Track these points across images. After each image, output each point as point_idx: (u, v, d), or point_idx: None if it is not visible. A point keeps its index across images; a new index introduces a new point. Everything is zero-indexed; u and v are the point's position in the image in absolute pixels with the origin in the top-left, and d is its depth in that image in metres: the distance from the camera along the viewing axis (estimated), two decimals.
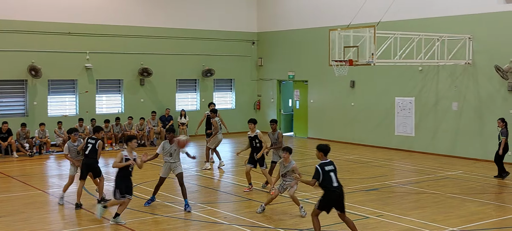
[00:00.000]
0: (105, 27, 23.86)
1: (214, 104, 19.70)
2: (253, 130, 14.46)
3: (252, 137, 14.43)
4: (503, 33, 18.56)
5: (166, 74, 25.46)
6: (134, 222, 11.65)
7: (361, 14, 19.50)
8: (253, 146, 14.40)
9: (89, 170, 12.96)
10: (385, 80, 22.14)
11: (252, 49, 27.91)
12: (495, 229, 11.23)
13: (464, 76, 19.65)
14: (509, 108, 18.45)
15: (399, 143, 21.80)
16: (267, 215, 12.18)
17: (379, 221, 11.67)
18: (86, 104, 23.48)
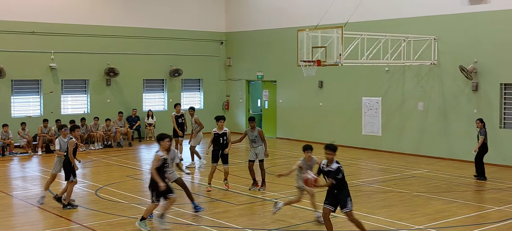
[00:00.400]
0: (70, 27, 23.49)
1: (180, 104, 19.91)
2: (221, 127, 14.40)
3: (220, 134, 14.38)
4: (467, 34, 18.89)
5: (133, 74, 25.20)
6: (100, 224, 11.48)
7: (329, 15, 19.62)
8: (220, 143, 14.35)
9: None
10: (352, 80, 22.33)
11: (220, 49, 27.83)
12: (460, 227, 11.41)
13: (430, 76, 19.94)
14: (473, 108, 18.79)
15: (366, 142, 22.00)
16: (236, 215, 12.14)
17: (347, 219, 11.72)
18: (51, 105, 23.07)
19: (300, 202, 12.82)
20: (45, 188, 13.44)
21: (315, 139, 23.75)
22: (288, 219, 11.90)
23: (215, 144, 14.50)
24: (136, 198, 13.76)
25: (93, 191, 14.61)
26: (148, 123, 25.11)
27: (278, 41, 25.15)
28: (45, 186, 13.49)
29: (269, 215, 12.13)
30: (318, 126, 23.84)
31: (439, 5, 19.60)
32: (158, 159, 10.75)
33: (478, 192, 14.55)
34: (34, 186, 15.48)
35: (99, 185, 15.26)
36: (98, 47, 24.18)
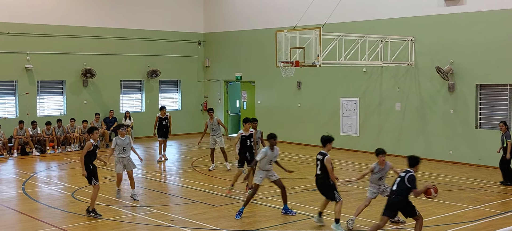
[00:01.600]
0: (46, 27, 23.21)
1: (166, 108, 20.02)
2: (248, 129, 14.54)
3: (247, 136, 14.42)
4: (444, 35, 19.09)
5: (110, 75, 24.99)
6: (77, 227, 11.37)
7: (307, 16, 19.67)
8: (247, 145, 14.42)
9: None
10: (330, 81, 22.42)
11: (198, 50, 27.74)
12: (437, 226, 11.51)
13: (407, 77, 20.11)
14: (449, 108, 19.00)
15: (344, 143, 22.10)
16: (214, 216, 12.10)
17: (325, 219, 11.76)
18: (26, 106, 22.76)
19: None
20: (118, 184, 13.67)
21: (294, 140, 23.85)
22: (266, 220, 11.89)
23: (242, 146, 14.47)
24: (113, 200, 13.63)
25: (69, 193, 14.45)
26: (125, 124, 24.88)
27: (256, 42, 25.15)
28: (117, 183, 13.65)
29: (248, 216, 12.12)
30: (296, 126, 23.89)
31: (416, 6, 19.78)
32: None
33: (455, 191, 14.71)
34: (9, 189, 15.25)
35: (76, 187, 15.10)
36: (75, 48, 23.93)
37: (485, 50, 18.12)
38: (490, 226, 11.43)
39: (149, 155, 21.53)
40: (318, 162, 11.06)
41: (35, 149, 21.24)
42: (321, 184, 11.14)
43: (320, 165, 11.04)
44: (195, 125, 27.20)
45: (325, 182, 11.07)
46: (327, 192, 11.10)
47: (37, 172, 17.79)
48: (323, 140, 11.31)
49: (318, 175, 11.12)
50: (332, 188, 11.04)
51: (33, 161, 19.91)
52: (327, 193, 11.10)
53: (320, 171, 11.05)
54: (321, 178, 11.10)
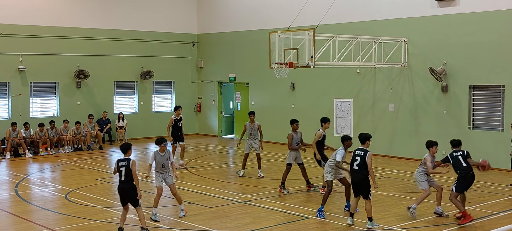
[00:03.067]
0: (39, 28, 23.13)
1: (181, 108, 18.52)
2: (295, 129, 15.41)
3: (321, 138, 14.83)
4: (437, 36, 19.15)
5: (104, 77, 24.92)
6: (70, 229, 11.33)
7: (300, 17, 19.69)
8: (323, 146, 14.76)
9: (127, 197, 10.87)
10: (324, 82, 22.44)
11: (192, 51, 27.71)
12: (430, 226, 11.54)
13: (400, 78, 20.16)
14: (443, 109, 19.06)
15: (338, 144, 22.04)
16: (209, 218, 12.08)
17: (319, 221, 11.79)
18: (19, 107, 22.66)
19: (275, 204, 12.86)
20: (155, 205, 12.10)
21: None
22: (260, 221, 11.90)
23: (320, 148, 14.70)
24: (107, 201, 13.60)
25: (63, 195, 14.40)
26: (119, 126, 24.85)
27: (250, 43, 25.15)
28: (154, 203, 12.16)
29: (242, 218, 12.11)
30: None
31: (409, 8, 19.83)
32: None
33: (447, 192, 14.71)
34: (2, 191, 15.18)
35: (69, 189, 15.05)
36: (68, 49, 23.86)
37: (478, 51, 18.19)
38: (483, 226, 11.47)
39: (142, 156, 21.48)
40: (358, 157, 11.34)
41: (28, 150, 21.15)
42: (360, 180, 11.32)
43: (359, 160, 11.31)
44: (189, 126, 27.14)
45: (364, 178, 11.33)
46: (364, 188, 11.33)
47: (30, 173, 17.72)
48: (362, 137, 11.63)
49: (356, 170, 11.36)
50: (369, 185, 11.37)
51: (26, 163, 19.83)
52: (364, 189, 11.33)
53: (358, 166, 11.32)
54: (360, 173, 11.33)
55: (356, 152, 11.49)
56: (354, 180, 11.44)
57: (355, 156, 11.45)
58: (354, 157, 11.46)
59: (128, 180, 10.71)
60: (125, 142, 11.80)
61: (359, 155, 11.38)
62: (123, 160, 10.78)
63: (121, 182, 10.80)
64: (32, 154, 21.22)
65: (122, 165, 10.73)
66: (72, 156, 21.12)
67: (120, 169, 10.72)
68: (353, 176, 11.46)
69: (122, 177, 10.71)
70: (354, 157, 11.46)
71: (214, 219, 12.06)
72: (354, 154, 11.51)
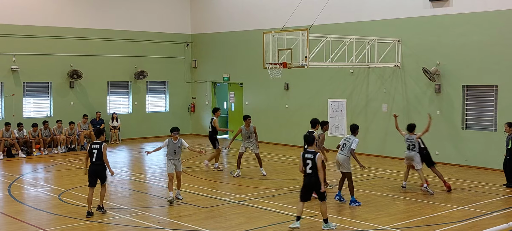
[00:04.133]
0: (33, 28, 23.06)
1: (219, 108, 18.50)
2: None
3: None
4: (430, 36, 19.21)
5: (97, 77, 24.87)
6: (64, 229, 11.30)
7: (294, 18, 19.71)
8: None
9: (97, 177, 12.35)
10: (318, 82, 22.47)
11: (186, 51, 27.69)
12: (424, 226, 11.59)
13: (393, 78, 20.21)
14: (436, 109, 19.11)
15: (331, 144, 22.07)
16: (202, 218, 12.09)
17: (312, 221, 11.81)
18: (12, 107, 22.58)
19: (269, 205, 12.87)
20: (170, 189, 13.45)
21: (282, 141, 23.88)
22: (254, 221, 11.91)
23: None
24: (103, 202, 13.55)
25: (56, 195, 14.36)
26: (112, 126, 24.81)
27: (244, 43, 25.16)
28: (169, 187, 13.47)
29: (236, 218, 12.12)
30: (284, 127, 23.92)
31: (402, 8, 19.88)
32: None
33: (441, 192, 14.80)
34: None
35: (62, 189, 15.02)
36: (61, 49, 23.80)
37: (471, 51, 18.26)
38: (476, 226, 11.52)
39: (136, 156, 21.47)
40: (309, 161, 10.99)
41: (21, 151, 21.08)
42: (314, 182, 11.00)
43: (311, 164, 10.97)
44: (183, 127, 27.10)
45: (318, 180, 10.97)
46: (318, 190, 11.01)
47: (23, 174, 17.67)
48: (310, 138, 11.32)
49: (310, 173, 11.00)
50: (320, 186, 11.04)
51: (19, 163, 19.76)
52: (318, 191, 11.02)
53: (311, 170, 10.96)
54: (313, 177, 10.98)
55: (305, 155, 11.06)
56: (307, 184, 11.05)
57: (306, 159, 11.04)
58: (305, 160, 11.03)
59: (99, 162, 12.17)
60: (99, 128, 12.79)
61: (310, 158, 11.01)
62: (96, 144, 12.29)
63: (92, 163, 12.22)
64: (25, 154, 21.16)
65: (94, 148, 12.21)
66: (66, 156, 21.06)
67: (93, 151, 12.17)
68: (306, 179, 11.06)
69: (94, 158, 12.17)
70: (305, 160, 11.02)
71: (207, 219, 12.06)
72: (304, 157, 11.04)
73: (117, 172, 17.77)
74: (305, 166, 11.00)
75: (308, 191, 11.10)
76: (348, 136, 13.77)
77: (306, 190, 11.08)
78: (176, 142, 13.37)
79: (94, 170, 12.25)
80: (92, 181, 12.28)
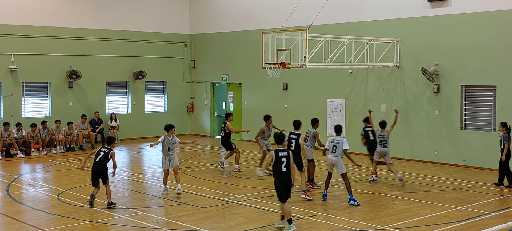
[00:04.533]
0: (31, 28, 23.05)
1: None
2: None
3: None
4: (429, 36, 19.22)
5: (96, 77, 24.86)
6: (62, 229, 11.30)
7: (293, 18, 19.71)
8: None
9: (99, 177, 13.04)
10: (316, 82, 22.48)
11: (184, 51, 27.69)
12: (422, 227, 11.59)
13: (392, 78, 20.22)
14: (434, 110, 19.13)
15: None
16: (201, 218, 12.09)
17: (312, 221, 11.81)
18: (11, 107, 22.56)
19: (268, 205, 12.87)
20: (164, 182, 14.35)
21: None
22: (252, 221, 11.91)
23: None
24: (99, 202, 13.55)
25: (55, 195, 14.35)
26: (111, 126, 24.80)
27: (243, 43, 25.16)
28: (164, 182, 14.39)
29: (234, 218, 12.12)
30: (283, 127, 23.75)
31: (401, 8, 19.89)
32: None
33: (439, 192, 14.82)
34: None
35: (61, 189, 15.01)
36: (60, 49, 23.79)
37: (470, 51, 18.27)
38: (475, 226, 11.53)
39: (135, 156, 21.46)
40: (284, 159, 10.91)
41: (20, 151, 21.06)
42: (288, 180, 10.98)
43: (286, 162, 10.92)
44: (182, 127, 27.14)
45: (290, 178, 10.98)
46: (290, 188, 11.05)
47: (22, 174, 17.65)
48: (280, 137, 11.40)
49: (285, 172, 10.96)
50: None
51: (17, 163, 19.75)
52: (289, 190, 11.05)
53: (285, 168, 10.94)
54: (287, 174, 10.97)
55: (280, 153, 10.97)
56: (285, 182, 10.95)
57: (281, 158, 10.94)
58: (280, 158, 10.91)
59: (102, 163, 12.86)
60: (111, 136, 13.63)
61: (285, 156, 10.96)
62: (106, 148, 13.09)
63: (95, 163, 12.89)
64: (23, 154, 21.14)
65: (103, 150, 13.01)
66: (64, 157, 21.05)
67: (100, 153, 12.96)
68: (283, 178, 10.94)
69: (98, 158, 12.90)
70: (280, 158, 10.91)
71: (206, 219, 12.06)
72: (278, 156, 10.94)
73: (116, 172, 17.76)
74: (280, 164, 10.91)
75: (285, 189, 10.98)
76: (335, 138, 13.80)
77: (284, 189, 10.96)
78: (171, 138, 14.01)
79: (96, 170, 12.94)
80: (95, 180, 12.97)
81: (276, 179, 11.00)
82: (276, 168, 10.94)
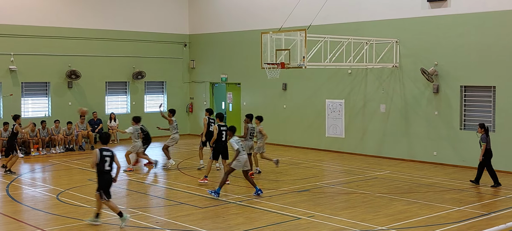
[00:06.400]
0: (31, 28, 23.04)
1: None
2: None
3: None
4: (428, 37, 19.23)
5: (95, 77, 24.85)
6: (62, 229, 11.30)
7: (292, 18, 19.72)
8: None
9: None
10: (316, 83, 22.48)
11: (184, 51, 27.69)
12: (421, 227, 11.60)
13: (391, 79, 20.23)
14: (433, 110, 19.14)
15: (329, 144, 22.18)
16: (200, 218, 12.09)
17: (310, 221, 11.82)
18: (10, 107, 22.55)
19: (267, 205, 12.86)
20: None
21: (279, 141, 23.88)
22: (252, 221, 11.91)
23: None
24: None
25: (54, 195, 14.35)
26: (110, 126, 24.79)
27: (242, 43, 25.16)
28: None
29: (234, 218, 12.12)
30: (282, 128, 23.92)
31: (400, 9, 19.90)
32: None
33: (438, 192, 14.83)
34: None
35: (60, 189, 15.01)
36: (60, 49, 23.79)
37: (469, 52, 18.28)
38: (474, 227, 11.54)
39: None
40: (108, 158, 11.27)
41: (19, 150, 21.04)
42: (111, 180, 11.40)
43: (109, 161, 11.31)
44: (181, 127, 27.05)
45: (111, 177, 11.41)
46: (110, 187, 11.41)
47: (21, 174, 17.65)
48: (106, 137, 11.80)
49: (108, 170, 11.34)
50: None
51: (17, 163, 19.72)
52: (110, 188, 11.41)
53: (109, 166, 11.32)
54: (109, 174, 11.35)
55: (104, 153, 11.29)
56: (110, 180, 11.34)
57: (105, 157, 11.25)
58: (103, 157, 11.23)
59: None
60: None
61: (109, 155, 11.29)
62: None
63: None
64: (23, 154, 21.13)
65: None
66: (63, 156, 21.05)
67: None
68: (107, 176, 11.30)
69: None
70: (104, 157, 11.24)
71: (205, 219, 12.06)
72: (102, 155, 11.25)
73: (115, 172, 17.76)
74: (104, 163, 11.25)
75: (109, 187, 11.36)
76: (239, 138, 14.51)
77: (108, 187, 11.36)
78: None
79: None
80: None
81: (100, 177, 11.33)
82: (100, 167, 11.29)
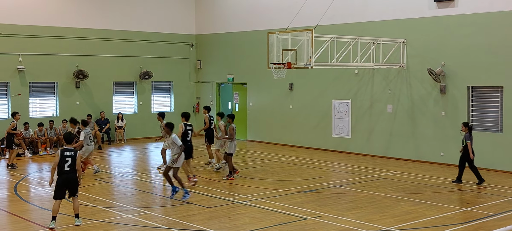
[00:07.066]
0: (39, 28, 23.15)
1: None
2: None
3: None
4: (435, 37, 19.18)
5: (103, 77, 24.95)
6: (68, 228, 11.35)
7: (298, 18, 19.72)
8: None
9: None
10: (322, 83, 22.47)
11: (190, 51, 27.74)
12: (428, 228, 11.58)
13: (398, 79, 20.19)
14: (440, 110, 19.08)
15: (336, 145, 22.16)
16: (206, 218, 12.12)
17: (317, 222, 11.82)
18: (19, 107, 22.64)
19: (273, 205, 12.88)
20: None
21: (285, 142, 23.89)
22: (258, 221, 11.93)
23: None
24: (105, 201, 13.62)
25: None
26: (118, 126, 24.88)
27: (248, 43, 25.18)
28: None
29: (239, 218, 12.15)
30: (288, 128, 23.92)
31: (407, 9, 19.86)
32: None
33: (445, 193, 14.79)
34: (1, 190, 15.20)
35: None
36: (67, 49, 23.89)
37: (477, 52, 18.22)
38: (481, 228, 11.51)
39: (141, 156, 21.51)
40: (69, 158, 11.22)
41: (27, 150, 21.16)
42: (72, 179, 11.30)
43: (71, 161, 11.24)
44: None
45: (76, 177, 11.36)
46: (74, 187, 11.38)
47: (29, 173, 17.74)
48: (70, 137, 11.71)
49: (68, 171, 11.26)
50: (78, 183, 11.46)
51: (25, 162, 19.84)
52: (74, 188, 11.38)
53: (69, 167, 11.25)
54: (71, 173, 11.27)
55: (65, 153, 11.23)
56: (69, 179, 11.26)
57: (66, 157, 11.20)
58: (64, 157, 11.18)
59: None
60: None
61: (70, 156, 11.24)
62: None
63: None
64: (31, 153, 21.24)
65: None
66: None
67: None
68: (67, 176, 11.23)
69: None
70: (65, 157, 11.19)
71: (211, 219, 12.09)
72: (63, 155, 11.18)
73: (122, 172, 17.84)
74: (65, 163, 11.22)
75: (64, 187, 11.32)
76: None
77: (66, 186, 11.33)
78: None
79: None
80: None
81: (59, 177, 11.29)
82: (60, 167, 11.27)
